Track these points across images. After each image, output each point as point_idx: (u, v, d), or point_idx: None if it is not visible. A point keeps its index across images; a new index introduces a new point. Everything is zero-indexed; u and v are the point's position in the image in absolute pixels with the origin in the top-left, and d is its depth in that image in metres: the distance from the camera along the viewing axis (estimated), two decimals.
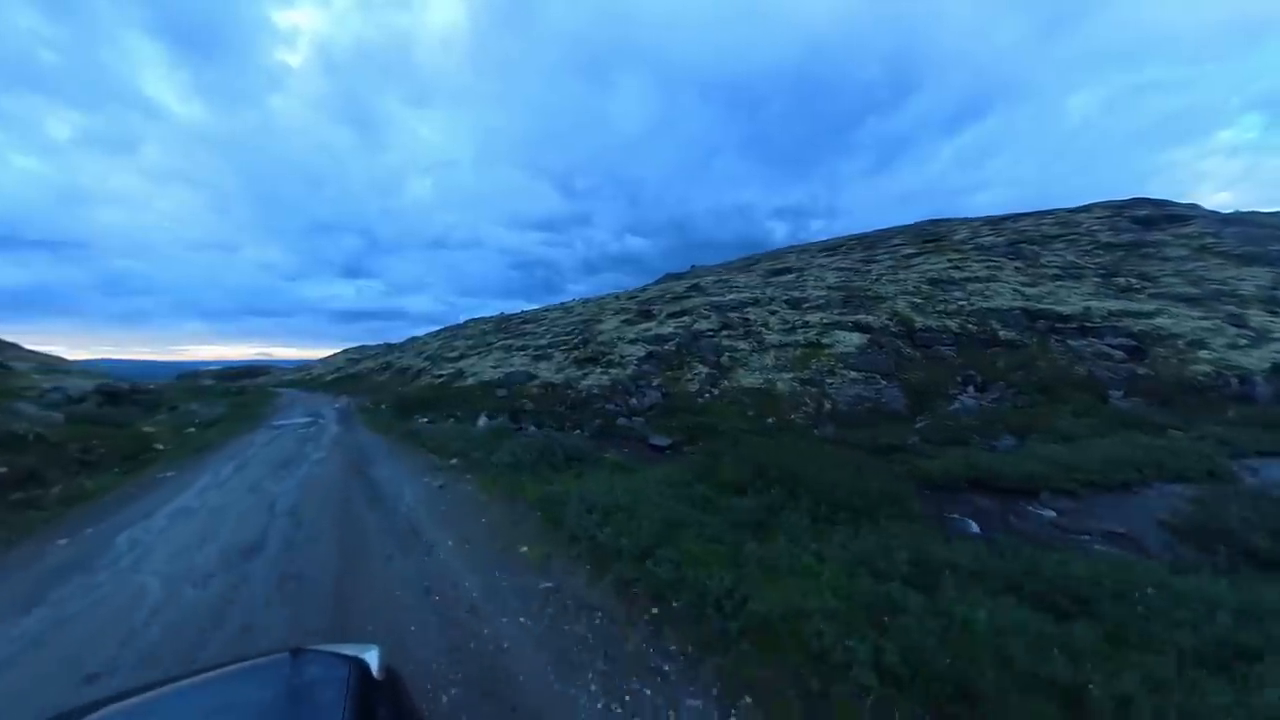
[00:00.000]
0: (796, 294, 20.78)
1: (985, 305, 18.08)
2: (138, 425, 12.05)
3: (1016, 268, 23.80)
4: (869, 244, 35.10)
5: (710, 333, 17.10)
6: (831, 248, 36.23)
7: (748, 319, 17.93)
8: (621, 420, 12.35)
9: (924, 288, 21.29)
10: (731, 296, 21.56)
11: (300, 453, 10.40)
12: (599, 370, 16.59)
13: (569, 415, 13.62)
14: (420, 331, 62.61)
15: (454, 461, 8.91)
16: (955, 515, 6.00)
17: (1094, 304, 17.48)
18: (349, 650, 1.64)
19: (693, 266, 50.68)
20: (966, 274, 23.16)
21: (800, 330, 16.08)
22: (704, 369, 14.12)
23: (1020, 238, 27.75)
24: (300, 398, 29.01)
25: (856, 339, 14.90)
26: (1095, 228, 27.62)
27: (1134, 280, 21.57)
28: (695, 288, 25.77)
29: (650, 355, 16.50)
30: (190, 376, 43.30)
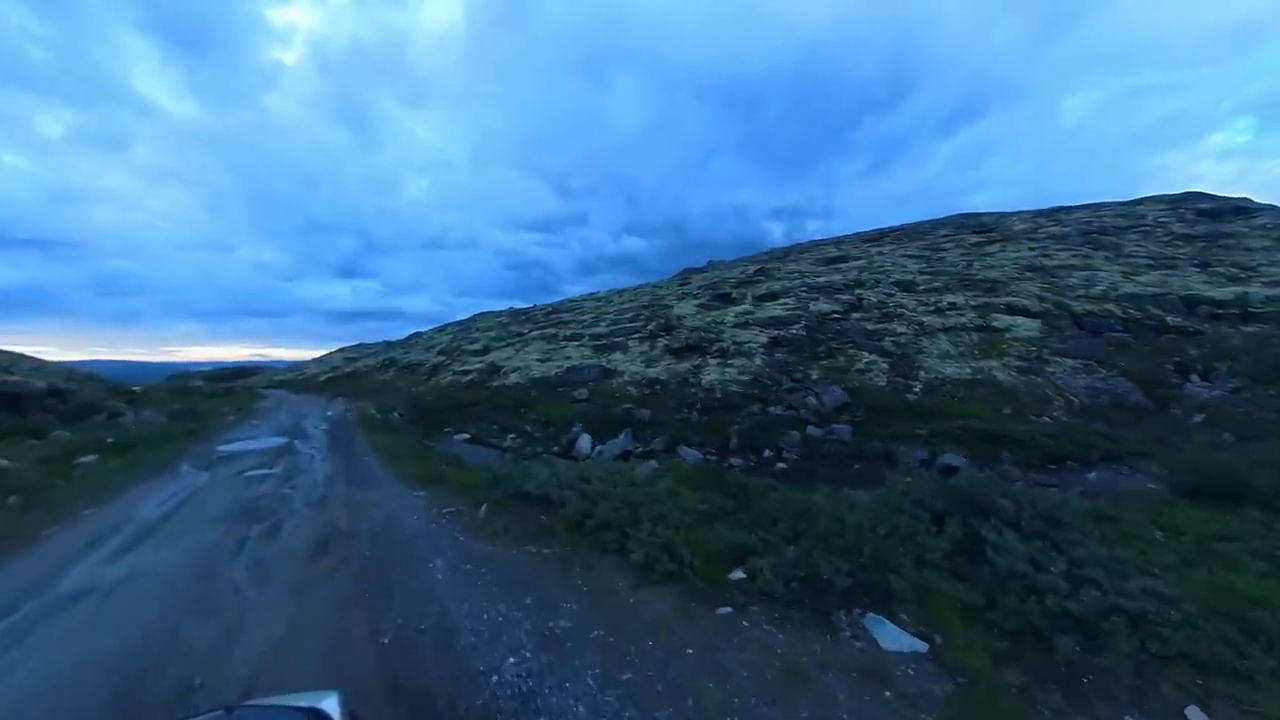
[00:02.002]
0: (898, 277, 18.56)
1: (1129, 291, 16.27)
2: None
3: (1106, 257, 22.41)
4: (913, 234, 33.61)
5: (837, 315, 14.57)
6: (874, 238, 34.59)
7: (871, 300, 15.50)
8: (812, 429, 9.42)
9: (1029, 274, 19.55)
10: (824, 279, 19.15)
11: (209, 595, 4.04)
12: (714, 361, 13.78)
13: (712, 424, 10.30)
14: (421, 329, 58.17)
15: None
16: None
17: (1250, 290, 15.92)
18: (303, 701, 1.37)
19: (709, 262, 48.35)
20: (1058, 262, 21.64)
21: (950, 313, 13.74)
22: (876, 358, 11.51)
23: (1089, 228, 26.55)
24: (286, 400, 24.97)
25: (1030, 323, 12.67)
26: (1163, 219, 26.68)
27: (1235, 270, 20.42)
28: (762, 272, 23.31)
29: (774, 341, 13.83)
30: (181, 377, 39.58)
